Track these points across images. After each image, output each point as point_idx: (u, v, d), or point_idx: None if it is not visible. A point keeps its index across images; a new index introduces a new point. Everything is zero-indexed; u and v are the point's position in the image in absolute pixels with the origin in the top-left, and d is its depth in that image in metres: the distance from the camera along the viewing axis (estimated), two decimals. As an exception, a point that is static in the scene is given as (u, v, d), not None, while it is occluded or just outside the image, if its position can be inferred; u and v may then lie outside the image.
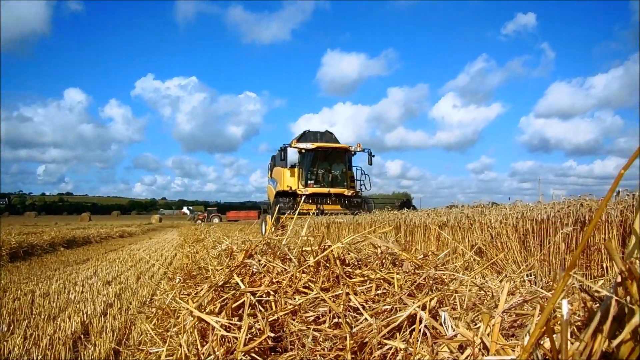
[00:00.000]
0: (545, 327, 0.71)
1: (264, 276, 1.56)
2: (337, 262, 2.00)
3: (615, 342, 0.70)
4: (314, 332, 1.35)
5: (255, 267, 1.61)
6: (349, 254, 2.29)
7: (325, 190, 16.06)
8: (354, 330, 1.43)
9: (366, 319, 1.47)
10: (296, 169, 16.86)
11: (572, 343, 0.82)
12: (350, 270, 2.09)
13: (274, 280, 1.53)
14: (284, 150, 16.13)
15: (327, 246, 2.15)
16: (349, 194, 16.37)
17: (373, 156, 17.10)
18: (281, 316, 1.38)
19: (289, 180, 16.85)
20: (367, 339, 1.41)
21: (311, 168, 16.53)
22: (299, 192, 15.98)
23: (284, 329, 1.38)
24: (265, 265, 1.63)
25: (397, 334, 1.58)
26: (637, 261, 0.71)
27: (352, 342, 1.39)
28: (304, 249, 1.94)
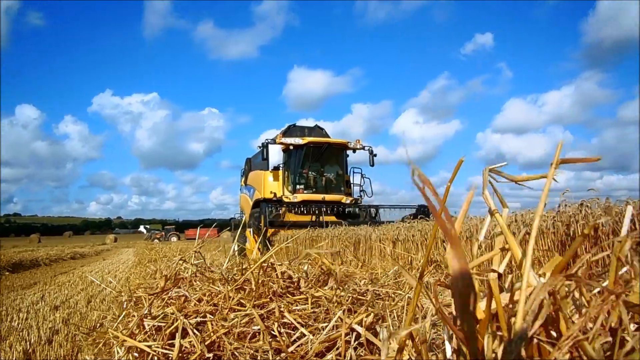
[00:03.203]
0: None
1: (200, 299, 1.59)
2: (280, 279, 2.05)
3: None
4: (249, 349, 1.39)
5: (182, 292, 1.64)
6: (296, 272, 2.35)
7: (319, 196, 12.84)
8: (292, 348, 1.48)
9: (303, 336, 1.53)
10: (280, 171, 13.58)
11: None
12: (294, 287, 2.15)
13: (210, 302, 1.57)
14: (265, 147, 12.71)
15: (270, 264, 2.20)
16: (347, 202, 13.21)
17: (375, 155, 13.75)
18: (218, 336, 1.42)
19: (272, 186, 13.44)
20: (303, 354, 1.46)
21: (300, 169, 13.18)
22: (285, 200, 12.68)
23: (222, 348, 1.41)
24: (197, 287, 1.66)
25: (333, 350, 1.65)
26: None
27: (289, 356, 1.44)
28: (244, 267, 1.98)
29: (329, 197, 12.93)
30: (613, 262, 0.61)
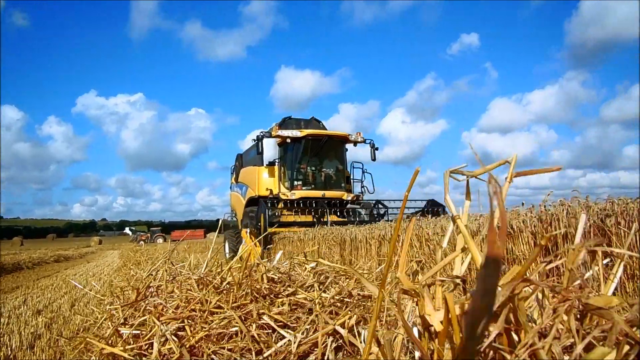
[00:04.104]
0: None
1: (178, 306, 1.59)
2: (263, 281, 2.06)
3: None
4: (227, 352, 1.40)
5: (158, 301, 1.64)
6: (284, 273, 2.36)
7: (318, 193, 11.95)
8: (272, 349, 1.49)
9: (284, 338, 1.54)
10: (276, 167, 12.68)
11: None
12: (279, 289, 2.15)
13: (187, 307, 1.57)
14: (260, 141, 11.83)
15: (254, 266, 2.21)
16: (349, 199, 12.44)
17: (376, 149, 12.95)
18: (198, 340, 1.42)
19: (267, 182, 12.54)
20: (284, 356, 1.47)
21: (299, 164, 12.30)
22: (282, 197, 11.81)
23: (201, 352, 1.42)
24: (172, 291, 1.66)
25: (318, 350, 1.66)
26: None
27: (270, 357, 1.45)
28: (223, 269, 1.98)
29: (329, 193, 12.14)
30: (567, 270, 0.63)
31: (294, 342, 1.52)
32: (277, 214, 11.18)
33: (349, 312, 1.87)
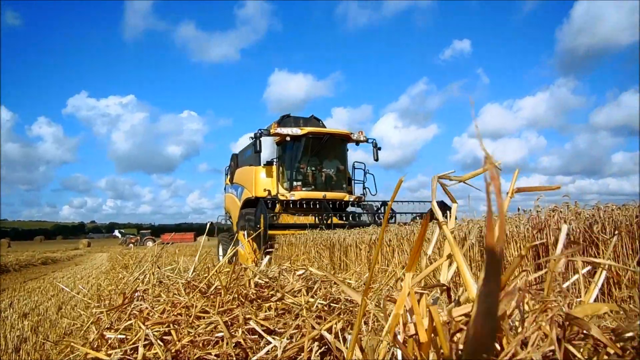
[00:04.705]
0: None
1: (164, 311, 1.58)
2: (251, 285, 2.05)
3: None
4: (214, 357, 1.39)
5: (144, 305, 1.63)
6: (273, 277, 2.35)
7: (319, 194, 11.34)
8: (258, 355, 1.49)
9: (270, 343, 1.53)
10: (274, 167, 12.04)
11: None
12: (267, 294, 2.15)
13: (174, 312, 1.56)
14: (258, 139, 11.21)
15: (242, 270, 2.20)
16: (350, 200, 11.94)
17: (379, 149, 12.35)
18: (184, 345, 1.41)
19: (265, 182, 11.89)
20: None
21: (298, 163, 11.71)
22: (281, 198, 11.21)
23: (188, 357, 1.41)
24: (158, 295, 1.65)
25: (305, 354, 1.65)
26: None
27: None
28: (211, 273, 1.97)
29: (330, 194, 11.50)
30: (548, 279, 0.63)
31: (280, 348, 1.52)
32: (274, 216, 10.75)
33: (337, 318, 1.87)
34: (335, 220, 10.54)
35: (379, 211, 11.81)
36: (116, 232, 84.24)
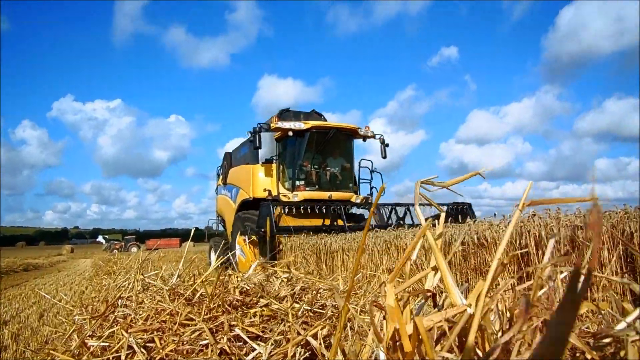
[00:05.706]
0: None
1: (148, 318, 1.56)
2: (235, 292, 2.04)
3: None
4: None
5: (127, 312, 1.61)
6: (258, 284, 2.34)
7: (324, 194, 10.31)
8: (248, 359, 1.48)
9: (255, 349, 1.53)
10: (274, 165, 10.78)
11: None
12: (253, 300, 2.14)
13: (158, 319, 1.54)
14: (257, 134, 10.05)
15: (227, 275, 2.19)
16: (358, 201, 10.80)
17: (387, 146, 11.46)
18: (168, 353, 1.39)
19: (264, 182, 10.70)
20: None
21: (301, 160, 10.53)
22: (283, 199, 10.09)
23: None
24: (142, 302, 1.64)
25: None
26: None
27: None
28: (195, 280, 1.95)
29: (336, 195, 10.47)
30: (535, 286, 0.64)
31: (265, 354, 1.51)
32: (278, 217, 9.80)
33: (323, 323, 1.87)
34: (340, 222, 9.45)
35: (393, 211, 10.40)
36: (100, 238, 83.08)
